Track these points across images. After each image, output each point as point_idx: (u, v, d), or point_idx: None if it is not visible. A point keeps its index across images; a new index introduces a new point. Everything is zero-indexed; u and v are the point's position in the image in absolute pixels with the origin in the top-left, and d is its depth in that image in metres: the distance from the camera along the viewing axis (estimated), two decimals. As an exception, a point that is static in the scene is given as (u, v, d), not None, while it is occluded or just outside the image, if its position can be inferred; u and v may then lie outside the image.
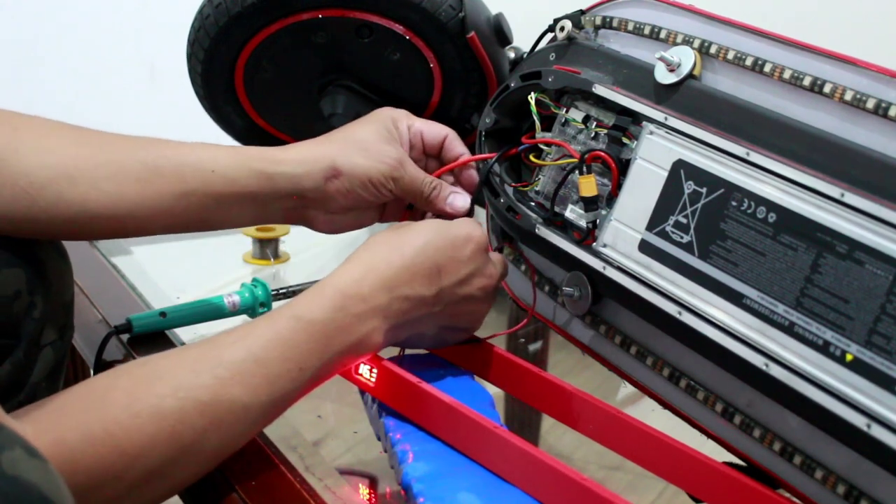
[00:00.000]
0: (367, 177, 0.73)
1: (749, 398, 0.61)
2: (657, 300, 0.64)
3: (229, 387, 0.56)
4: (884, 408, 0.51)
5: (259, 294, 0.89)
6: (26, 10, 1.62)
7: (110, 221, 0.67)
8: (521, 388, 0.73)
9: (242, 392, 0.57)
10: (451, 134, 0.79)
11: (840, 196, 0.55)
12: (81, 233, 0.68)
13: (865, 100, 0.57)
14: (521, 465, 0.60)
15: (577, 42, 0.76)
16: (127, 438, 0.52)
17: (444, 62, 0.89)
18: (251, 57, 0.89)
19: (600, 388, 0.81)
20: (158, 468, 0.54)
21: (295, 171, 0.72)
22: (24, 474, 0.38)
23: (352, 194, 0.74)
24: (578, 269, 0.71)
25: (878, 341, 0.52)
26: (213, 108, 0.96)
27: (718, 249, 0.61)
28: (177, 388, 0.55)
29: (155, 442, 0.53)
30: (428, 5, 0.84)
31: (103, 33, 1.66)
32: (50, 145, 0.66)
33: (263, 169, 0.71)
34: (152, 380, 0.55)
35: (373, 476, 0.76)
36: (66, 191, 0.65)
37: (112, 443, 0.52)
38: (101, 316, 0.88)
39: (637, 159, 0.67)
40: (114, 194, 0.66)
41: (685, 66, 0.67)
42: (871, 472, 0.54)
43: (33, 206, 0.64)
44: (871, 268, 0.53)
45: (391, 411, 0.68)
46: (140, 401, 0.54)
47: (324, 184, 0.73)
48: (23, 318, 0.65)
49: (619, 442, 0.66)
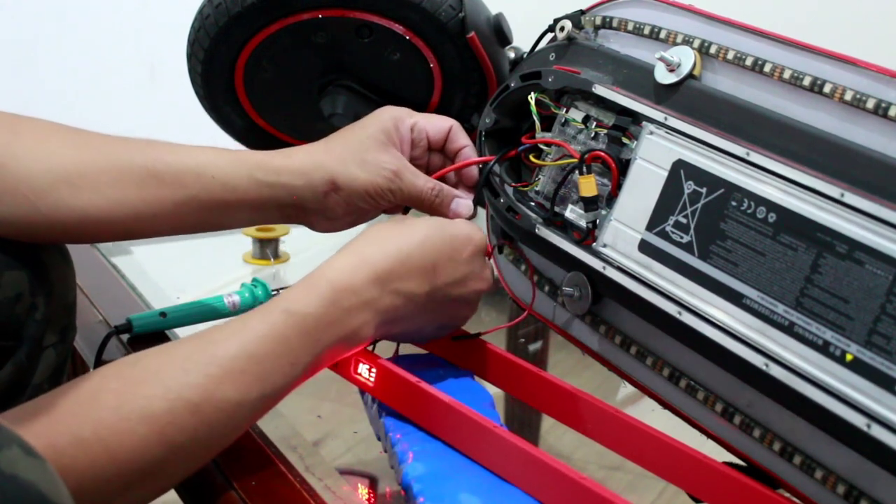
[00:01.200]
0: (365, 190, 0.74)
1: (749, 398, 0.61)
2: (657, 300, 0.64)
3: (221, 385, 0.56)
4: (884, 408, 0.51)
5: (259, 294, 0.89)
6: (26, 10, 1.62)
7: (111, 226, 0.67)
8: (521, 388, 0.73)
9: (234, 390, 0.56)
10: (454, 125, 0.79)
11: (840, 196, 0.55)
12: (82, 237, 0.69)
13: (865, 100, 0.57)
14: (521, 465, 0.60)
15: (577, 42, 0.76)
16: (117, 442, 0.52)
17: (444, 62, 0.89)
18: (251, 57, 0.89)
19: (600, 388, 0.81)
20: (150, 469, 0.53)
21: (294, 182, 0.72)
22: (22, 473, 0.38)
23: (351, 205, 0.74)
24: (578, 269, 0.71)
25: (878, 341, 0.52)
26: (213, 108, 0.96)
27: (718, 249, 0.61)
28: (167, 390, 0.54)
29: (145, 444, 0.53)
30: (428, 5, 0.84)
31: (103, 33, 1.66)
32: (50, 150, 0.65)
33: (263, 178, 0.71)
34: (142, 381, 0.55)
35: (373, 476, 0.76)
36: (67, 196, 0.64)
37: (102, 447, 0.51)
38: (102, 316, 0.88)
39: (637, 159, 0.67)
40: (115, 200, 0.66)
41: (685, 66, 0.67)
42: (871, 472, 0.54)
43: (34, 212, 0.64)
44: (871, 268, 0.53)
45: (391, 411, 0.68)
46: (129, 403, 0.53)
47: (323, 197, 0.73)
48: (25, 320, 0.65)
49: (619, 442, 0.66)
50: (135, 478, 0.53)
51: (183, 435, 0.54)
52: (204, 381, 0.55)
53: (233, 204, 0.70)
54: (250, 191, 0.71)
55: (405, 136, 0.77)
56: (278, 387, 0.59)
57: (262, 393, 0.58)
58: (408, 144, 0.78)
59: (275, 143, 0.99)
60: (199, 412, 0.55)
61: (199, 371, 0.56)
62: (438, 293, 0.67)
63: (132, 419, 0.53)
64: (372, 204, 0.75)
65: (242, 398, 0.57)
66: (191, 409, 0.55)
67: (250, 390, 0.57)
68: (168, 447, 0.54)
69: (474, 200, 0.79)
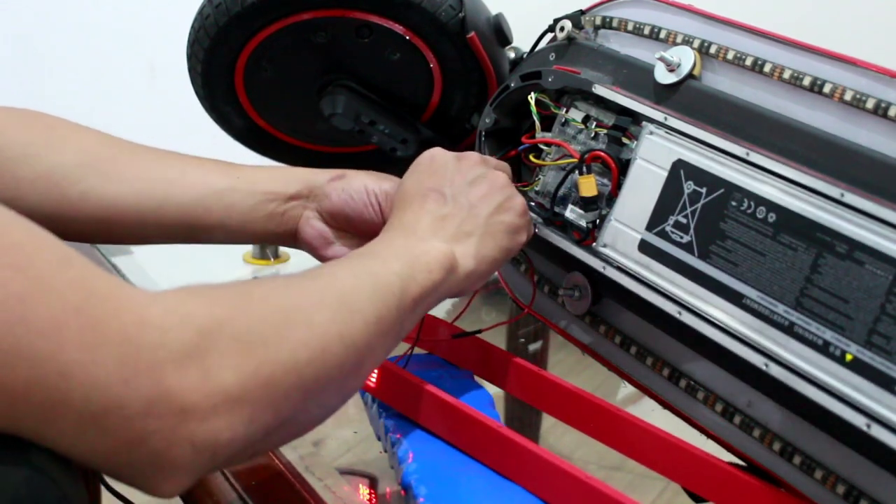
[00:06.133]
0: (364, 185, 0.73)
1: (749, 398, 0.61)
2: (657, 300, 0.64)
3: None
4: (884, 408, 0.51)
5: (259, 294, 0.89)
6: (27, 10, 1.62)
7: (133, 222, 0.69)
8: (521, 387, 0.73)
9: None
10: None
11: (840, 196, 0.55)
12: (101, 232, 0.70)
13: (865, 100, 0.57)
14: (524, 463, 0.60)
15: (577, 42, 0.76)
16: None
17: (444, 62, 0.90)
18: (251, 57, 0.89)
19: (600, 387, 0.81)
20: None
21: (308, 171, 0.74)
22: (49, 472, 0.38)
23: (345, 194, 0.73)
24: (578, 269, 0.71)
25: (877, 341, 0.52)
26: (213, 108, 0.96)
27: (718, 249, 0.61)
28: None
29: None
30: (428, 5, 0.84)
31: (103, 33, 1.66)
32: (83, 143, 0.68)
33: (281, 171, 0.73)
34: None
35: (373, 476, 0.76)
36: (97, 185, 0.67)
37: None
38: (102, 316, 0.88)
39: (637, 159, 0.67)
40: (143, 193, 0.68)
41: (685, 66, 0.67)
42: (871, 472, 0.54)
43: (64, 200, 0.66)
44: (870, 268, 0.53)
45: (391, 411, 0.68)
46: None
47: (326, 182, 0.73)
48: None
49: (619, 440, 0.66)
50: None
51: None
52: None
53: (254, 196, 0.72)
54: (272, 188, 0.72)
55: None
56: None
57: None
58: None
59: (275, 144, 0.99)
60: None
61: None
62: (461, 196, 0.66)
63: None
64: (364, 201, 0.73)
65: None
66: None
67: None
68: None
69: None
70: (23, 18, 1.63)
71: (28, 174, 0.65)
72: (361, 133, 0.91)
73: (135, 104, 1.64)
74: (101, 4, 1.66)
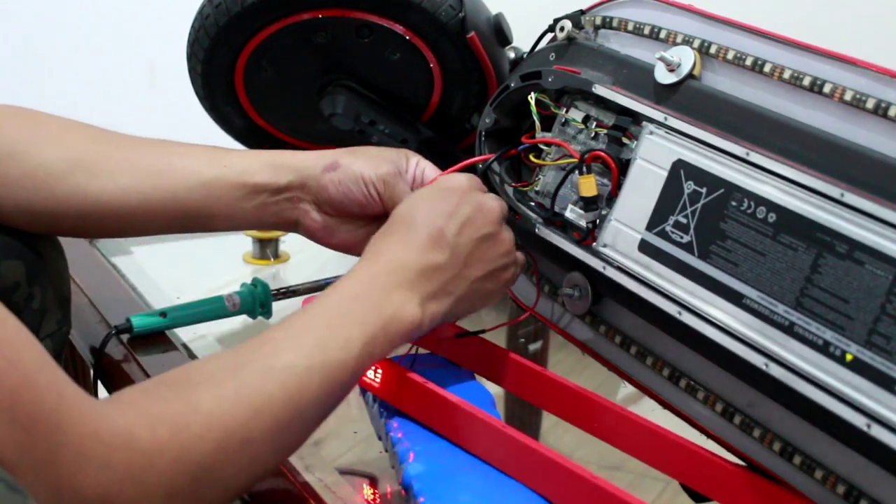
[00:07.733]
0: (361, 173, 0.73)
1: (749, 398, 0.61)
2: (657, 300, 0.64)
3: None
4: (884, 408, 0.51)
5: (259, 294, 0.89)
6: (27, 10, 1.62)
7: (121, 216, 0.69)
8: (522, 386, 0.73)
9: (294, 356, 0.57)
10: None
11: (840, 196, 0.55)
12: (90, 227, 0.70)
13: (865, 100, 0.57)
14: (527, 461, 0.60)
15: (577, 42, 0.76)
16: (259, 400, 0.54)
17: (444, 62, 0.90)
18: (251, 57, 0.89)
19: (600, 387, 0.81)
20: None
21: (299, 159, 0.74)
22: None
23: (343, 187, 0.73)
24: (578, 269, 0.71)
25: (878, 341, 0.52)
26: (213, 108, 0.96)
27: (718, 249, 0.61)
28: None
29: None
30: (428, 5, 0.84)
31: (103, 33, 1.66)
32: (69, 139, 0.68)
33: (271, 159, 0.73)
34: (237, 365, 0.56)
35: (373, 476, 0.76)
36: (83, 182, 0.67)
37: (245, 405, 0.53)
38: (101, 316, 0.88)
39: (637, 159, 0.67)
40: (128, 187, 0.68)
41: (685, 66, 0.67)
42: (871, 472, 0.54)
43: (51, 197, 0.66)
44: (871, 268, 0.53)
45: (392, 411, 0.68)
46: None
47: (321, 173, 0.73)
48: (23, 308, 0.67)
49: (620, 437, 0.66)
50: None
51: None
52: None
53: (242, 189, 0.71)
54: (260, 173, 0.72)
55: (411, 171, 0.76)
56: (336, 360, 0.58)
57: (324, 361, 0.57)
58: (411, 179, 0.77)
59: (275, 144, 0.99)
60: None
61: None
62: (462, 248, 0.66)
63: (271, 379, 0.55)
64: (361, 192, 0.73)
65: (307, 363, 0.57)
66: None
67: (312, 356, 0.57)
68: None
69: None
70: (23, 18, 1.64)
71: (15, 172, 0.66)
72: (361, 133, 0.91)
73: (135, 104, 1.64)
74: (101, 4, 1.66)
